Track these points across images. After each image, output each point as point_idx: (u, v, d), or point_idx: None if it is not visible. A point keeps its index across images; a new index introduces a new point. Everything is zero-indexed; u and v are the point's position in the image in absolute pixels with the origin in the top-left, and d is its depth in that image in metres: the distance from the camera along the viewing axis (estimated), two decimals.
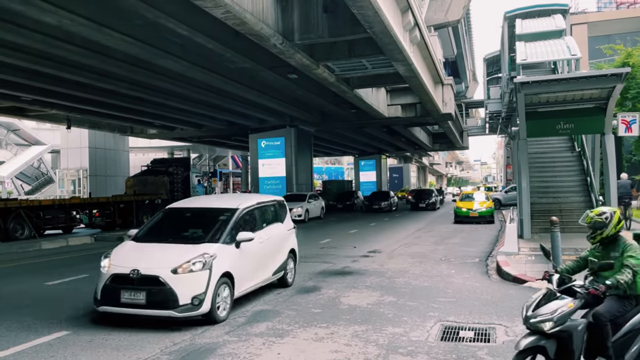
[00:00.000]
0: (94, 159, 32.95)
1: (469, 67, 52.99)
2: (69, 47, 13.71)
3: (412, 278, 9.48)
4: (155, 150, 48.98)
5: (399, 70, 17.90)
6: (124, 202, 21.40)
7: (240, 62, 16.04)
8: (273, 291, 8.47)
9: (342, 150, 55.32)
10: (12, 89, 18.87)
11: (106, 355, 5.35)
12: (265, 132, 30.58)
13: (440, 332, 6.00)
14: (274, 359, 5.18)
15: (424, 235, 17.71)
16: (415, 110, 29.11)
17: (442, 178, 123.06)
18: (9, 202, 17.86)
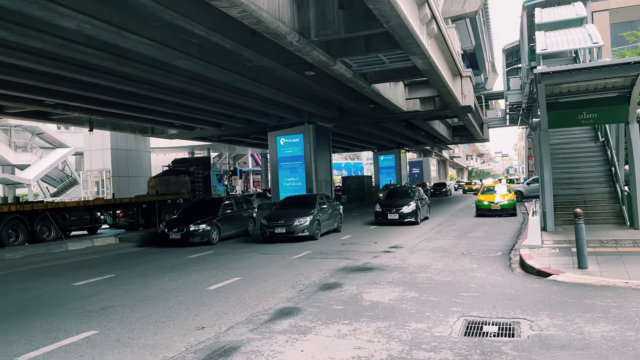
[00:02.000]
0: (117, 160, 33.44)
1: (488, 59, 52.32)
2: (89, 51, 13.92)
3: (434, 273, 9.44)
4: (176, 150, 49.54)
5: (416, 64, 17.78)
6: (147, 202, 21.67)
7: (257, 61, 16.11)
8: (295, 288, 8.52)
9: (361, 146, 55.20)
10: (36, 93, 19.25)
11: (133, 355, 5.45)
12: (283, 129, 30.67)
13: (463, 327, 5.97)
14: (298, 356, 5.21)
15: (445, 229, 17.60)
16: (434, 103, 28.89)
17: (462, 171, 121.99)
18: (36, 204, 18.21)
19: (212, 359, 5.20)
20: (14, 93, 18.97)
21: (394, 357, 5.04)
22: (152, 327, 6.46)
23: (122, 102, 21.93)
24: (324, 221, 16.70)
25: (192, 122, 30.34)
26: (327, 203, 17.81)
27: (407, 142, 52.65)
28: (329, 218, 17.22)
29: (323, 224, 16.51)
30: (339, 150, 58.19)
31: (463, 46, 37.93)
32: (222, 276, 9.89)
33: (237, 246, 14.94)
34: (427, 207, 21.88)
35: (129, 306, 7.66)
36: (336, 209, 18.42)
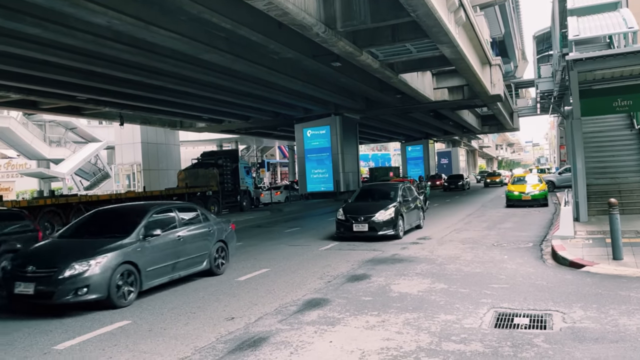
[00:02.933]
0: (147, 153, 34.01)
1: (518, 46, 51.24)
2: (119, 46, 14.16)
3: (463, 264, 9.34)
4: (204, 143, 50.09)
5: (444, 52, 17.55)
6: (177, 194, 21.99)
7: (283, 53, 16.13)
8: (323, 279, 8.55)
9: (388, 137, 54.90)
10: (68, 89, 19.69)
11: (165, 344, 5.55)
12: (310, 121, 30.70)
13: (493, 319, 5.90)
14: (326, 346, 5.23)
15: (475, 220, 17.38)
16: (463, 92, 28.49)
17: (492, 161, 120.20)
18: (70, 197, 18.68)
19: (241, 349, 5.26)
20: (47, 89, 19.45)
21: (423, 349, 5.02)
22: (183, 318, 6.57)
23: (151, 97, 22.26)
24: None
25: (220, 115, 30.62)
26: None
27: (435, 133, 52.12)
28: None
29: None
30: (365, 142, 57.98)
31: (492, 34, 37.20)
32: (251, 267, 9.99)
33: (266, 237, 15.05)
34: (420, 211, 15.41)
35: (160, 297, 7.80)
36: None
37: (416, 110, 32.68)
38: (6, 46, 13.54)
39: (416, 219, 14.91)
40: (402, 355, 4.88)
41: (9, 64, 15.56)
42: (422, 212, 15.78)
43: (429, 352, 4.93)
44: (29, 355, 5.39)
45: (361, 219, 12.81)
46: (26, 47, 13.83)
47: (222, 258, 9.46)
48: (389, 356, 4.86)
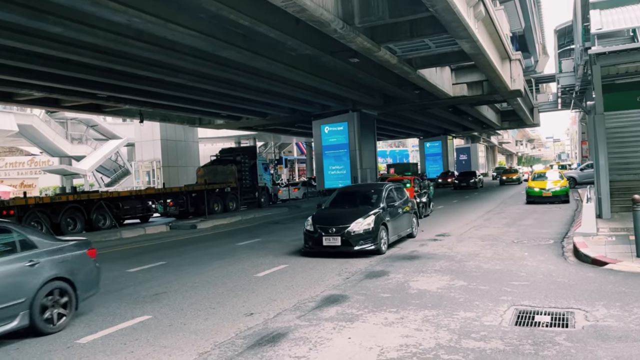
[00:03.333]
0: (166, 150, 34.32)
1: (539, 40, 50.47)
2: (139, 44, 14.28)
3: (483, 261, 9.27)
4: (222, 140, 50.38)
5: (463, 48, 17.37)
6: (196, 191, 22.18)
7: (301, 49, 16.12)
8: (341, 275, 8.55)
9: (406, 133, 54.57)
10: (89, 87, 19.94)
11: (185, 339, 5.61)
12: (328, 117, 30.65)
13: (514, 317, 5.84)
14: (345, 343, 5.24)
15: (494, 217, 17.22)
16: (482, 88, 28.18)
17: (512, 157, 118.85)
18: (92, 194, 18.98)
19: (260, 344, 5.29)
20: (69, 87, 19.72)
21: (443, 346, 4.99)
22: (202, 313, 6.63)
23: (170, 94, 22.44)
24: None
25: (238, 112, 30.75)
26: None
27: (454, 128, 51.67)
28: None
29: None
30: (383, 138, 57.75)
31: (512, 28, 36.66)
32: (269, 263, 10.04)
33: (284, 234, 15.09)
34: (412, 216, 12.92)
35: (180, 292, 7.89)
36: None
37: (435, 106, 32.41)
38: (30, 45, 13.75)
39: (407, 227, 12.42)
40: (422, 352, 4.86)
41: (32, 63, 15.81)
42: (416, 218, 13.33)
43: (449, 349, 4.91)
44: (52, 349, 5.49)
45: (332, 230, 10.26)
46: (49, 46, 14.02)
47: (59, 306, 6.17)
48: (408, 353, 4.85)
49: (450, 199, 26.90)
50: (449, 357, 4.70)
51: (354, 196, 12.18)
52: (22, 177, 48.69)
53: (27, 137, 39.06)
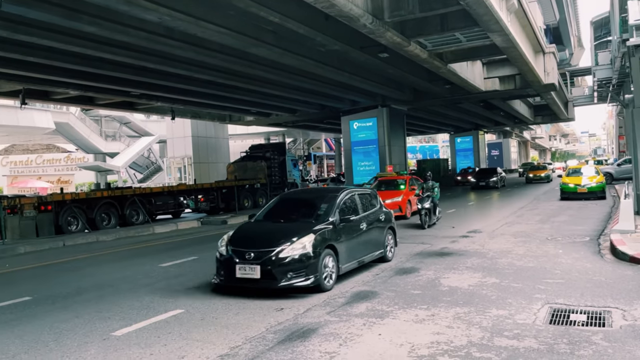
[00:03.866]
0: (197, 147, 34.78)
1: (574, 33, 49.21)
2: (170, 42, 14.49)
3: (515, 258, 9.11)
4: (252, 137, 50.78)
5: (495, 41, 17.05)
6: (226, 187, 22.42)
7: (330, 45, 16.08)
8: (371, 272, 8.52)
9: (436, 128, 53.98)
10: (123, 84, 20.33)
11: (217, 333, 5.68)
12: (357, 113, 30.53)
13: (548, 315, 5.72)
14: (375, 339, 5.22)
15: (527, 213, 16.89)
16: (515, 82, 27.64)
17: (545, 152, 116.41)
18: (125, 190, 19.37)
19: (291, 339, 5.32)
20: (103, 85, 20.14)
21: (475, 344, 4.93)
22: (233, 307, 6.70)
23: (201, 91, 22.70)
24: None
25: (268, 109, 30.91)
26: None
27: (485, 123, 50.85)
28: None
29: None
30: (413, 133, 57.24)
31: (546, 20, 35.84)
32: None
33: None
34: (387, 232, 9.47)
35: (211, 287, 7.98)
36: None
37: (466, 101, 31.95)
38: (65, 44, 14.10)
39: (374, 248, 8.96)
40: (453, 349, 4.81)
41: (68, 62, 16.20)
42: (393, 235, 9.72)
43: (481, 347, 4.84)
44: (89, 341, 5.63)
45: (250, 255, 7.18)
46: (83, 45, 14.35)
47: None
48: (439, 350, 4.80)
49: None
50: (481, 355, 4.63)
51: (297, 205, 8.99)
52: (59, 173, 50.06)
53: (63, 135, 40.15)
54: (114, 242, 14.81)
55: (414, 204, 16.11)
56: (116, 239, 15.50)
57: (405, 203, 16.78)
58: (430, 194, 14.46)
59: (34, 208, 15.48)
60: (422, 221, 13.93)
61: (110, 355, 5.13)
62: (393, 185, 18.25)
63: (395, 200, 16.45)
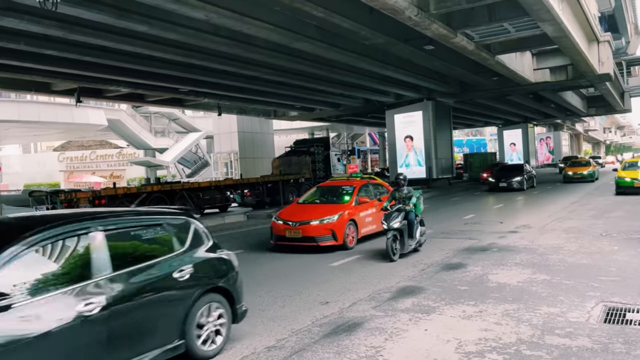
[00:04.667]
0: (243, 142, 35.29)
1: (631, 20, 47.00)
2: (217, 39, 14.74)
3: (567, 255, 8.83)
4: (296, 132, 51.09)
5: (546, 31, 16.52)
6: (272, 182, 22.65)
7: (374, 38, 15.97)
8: (417, 267, 8.45)
9: (484, 121, 52.78)
10: (171, 82, 20.85)
11: (263, 325, 5.77)
12: (401, 107, 30.24)
13: (603, 314, 5.53)
14: (421, 334, 5.18)
15: (579, 208, 16.32)
16: (566, 73, 26.69)
17: (599, 145, 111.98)
18: (174, 184, 19.87)
19: (336, 333, 5.35)
20: (152, 82, 20.72)
21: (524, 341, 4.82)
22: (279, 300, 6.79)
23: (246, 87, 23.01)
24: None
25: (312, 104, 31.03)
26: None
27: (534, 116, 49.37)
28: None
29: None
30: (459, 127, 56.18)
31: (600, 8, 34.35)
32: (344, 253, 10.08)
33: None
34: (195, 307, 4.76)
35: (257, 280, 8.11)
36: None
37: (514, 93, 31.11)
38: (117, 43, 14.57)
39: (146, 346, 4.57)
40: (502, 347, 4.72)
41: (120, 60, 16.74)
42: (226, 312, 5.21)
43: (531, 345, 4.73)
44: None
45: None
46: (134, 44, 14.80)
47: None
48: (487, 347, 4.72)
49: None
50: (532, 354, 4.52)
51: None
52: (111, 168, 51.82)
53: (115, 131, 41.51)
54: None
55: (377, 221, 10.76)
56: None
57: (344, 225, 10.55)
58: (403, 206, 9.42)
59: (88, 202, 16.07)
60: (390, 250, 9.00)
61: None
62: (335, 196, 12.17)
63: (327, 222, 10.42)
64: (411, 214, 9.45)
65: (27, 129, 37.01)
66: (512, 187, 24.67)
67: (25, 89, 21.89)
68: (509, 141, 54.54)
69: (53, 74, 18.35)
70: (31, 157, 57.98)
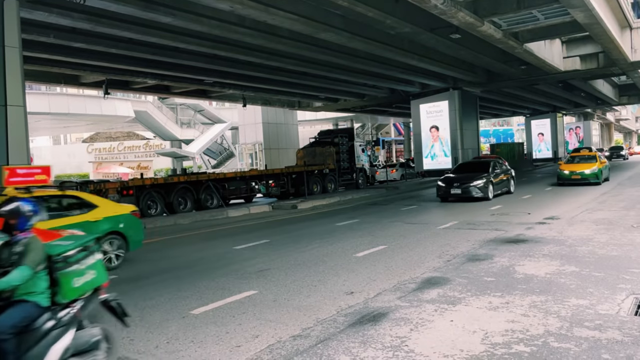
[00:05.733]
0: (268, 133, 35.45)
1: None
2: (241, 30, 14.80)
3: (597, 247, 8.65)
4: (320, 123, 51.07)
5: (576, 17, 16.12)
6: (296, 172, 22.73)
7: (400, 28, 15.82)
8: (442, 258, 8.39)
9: (511, 111, 51.89)
10: (196, 73, 21.04)
11: (289, 314, 5.82)
12: (427, 96, 29.93)
13: (634, 307, 5.41)
14: (447, 325, 5.15)
15: (610, 199, 15.96)
16: (597, 60, 26.03)
17: (631, 135, 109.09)
18: (200, 175, 20.10)
19: (361, 323, 5.36)
20: (178, 74, 20.95)
21: (552, 333, 4.75)
22: (305, 290, 6.83)
23: (271, 78, 23.07)
24: None
25: (336, 94, 30.94)
26: None
27: (563, 105, 48.32)
28: None
29: None
30: (486, 117, 55.36)
31: None
32: (368, 244, 10.08)
33: (382, 215, 15.07)
34: None
35: (283, 269, 8.17)
36: None
37: (543, 82, 30.48)
38: (143, 35, 14.76)
39: None
40: (529, 338, 4.66)
41: (146, 52, 16.97)
42: None
43: (559, 337, 4.66)
44: (170, 318, 5.94)
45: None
46: (160, 36, 14.97)
47: None
48: (514, 339, 4.67)
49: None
50: (560, 345, 4.46)
51: None
52: (139, 159, 52.68)
53: (142, 122, 42.15)
54: (190, 225, 15.45)
55: None
56: (192, 222, 16.16)
57: None
58: None
59: (117, 192, 16.38)
60: None
61: (189, 332, 5.39)
62: None
63: None
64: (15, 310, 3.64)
65: (57, 121, 37.86)
66: (469, 194, 17.11)
67: (55, 82, 22.35)
68: (536, 131, 53.50)
69: (81, 66, 18.70)
70: (61, 148, 59.32)
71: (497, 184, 18.02)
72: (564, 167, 21.87)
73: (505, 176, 18.95)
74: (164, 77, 21.76)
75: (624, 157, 50.92)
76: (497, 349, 4.46)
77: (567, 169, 21.69)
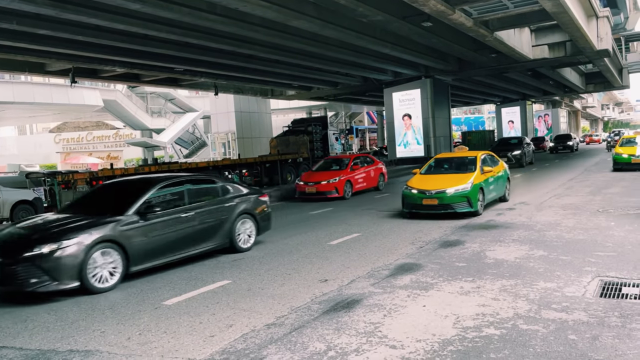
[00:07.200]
0: (240, 122, 35.15)
1: None
2: (212, 17, 14.57)
3: (564, 231, 8.88)
4: (294, 111, 50.86)
5: (544, 6, 16.35)
6: (270, 161, 22.61)
7: (372, 15, 15.80)
8: (415, 245, 8.49)
9: (482, 99, 52.62)
10: (167, 61, 20.66)
11: (263, 303, 5.82)
12: (399, 85, 30.06)
13: (599, 288, 5.58)
14: (420, 310, 5.23)
15: (577, 185, 16.37)
16: (565, 49, 26.52)
17: (597, 122, 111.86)
18: (172, 165, 19.80)
19: (336, 310, 5.39)
20: (148, 62, 20.53)
21: (521, 316, 4.87)
22: (279, 279, 6.84)
23: (243, 66, 22.82)
24: None
25: (309, 82, 30.82)
26: None
27: (533, 93, 49.20)
28: None
29: None
30: (458, 105, 56.02)
31: None
32: (342, 232, 10.13)
33: (357, 203, 15.15)
34: None
35: (257, 258, 8.16)
36: None
37: (513, 70, 30.94)
38: (112, 22, 14.40)
39: None
40: (499, 321, 4.77)
41: (114, 40, 16.56)
42: None
43: (528, 319, 4.78)
44: (142, 309, 5.88)
45: None
46: (129, 23, 14.63)
47: None
48: (485, 322, 4.77)
49: None
50: (528, 327, 4.58)
51: None
52: (108, 149, 51.74)
53: (111, 112, 41.27)
54: None
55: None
56: None
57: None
58: None
59: (86, 183, 16.03)
60: None
61: (162, 323, 5.35)
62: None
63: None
64: None
65: (22, 110, 36.81)
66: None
67: (19, 70, 21.65)
68: (507, 119, 54.40)
69: (47, 54, 18.16)
70: (27, 138, 57.81)
71: None
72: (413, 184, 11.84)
73: None
74: (133, 65, 21.30)
75: (572, 149, 40.45)
76: (468, 333, 4.55)
77: (416, 187, 11.65)
